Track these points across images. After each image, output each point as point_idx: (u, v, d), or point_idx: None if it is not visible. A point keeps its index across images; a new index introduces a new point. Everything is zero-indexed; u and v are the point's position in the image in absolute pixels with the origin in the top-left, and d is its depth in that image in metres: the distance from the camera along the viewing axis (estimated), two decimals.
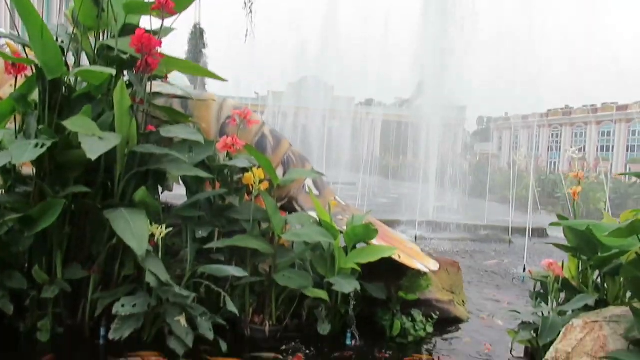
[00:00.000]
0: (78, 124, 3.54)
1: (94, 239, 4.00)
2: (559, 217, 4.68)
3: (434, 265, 4.96)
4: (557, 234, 8.34)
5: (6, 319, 3.91)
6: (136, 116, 4.01)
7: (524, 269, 7.81)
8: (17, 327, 3.93)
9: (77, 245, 4.03)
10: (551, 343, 3.51)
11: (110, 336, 3.58)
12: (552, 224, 4.41)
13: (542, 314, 3.93)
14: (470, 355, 4.37)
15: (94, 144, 3.41)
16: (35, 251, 3.91)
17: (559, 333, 3.49)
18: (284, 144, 5.15)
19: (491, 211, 15.67)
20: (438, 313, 4.91)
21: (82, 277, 3.92)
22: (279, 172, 4.83)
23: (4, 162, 3.32)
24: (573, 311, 3.77)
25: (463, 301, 5.75)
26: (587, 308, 3.76)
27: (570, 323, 3.41)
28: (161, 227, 3.86)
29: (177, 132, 4.08)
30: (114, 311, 3.59)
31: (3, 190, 4.03)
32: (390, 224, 9.40)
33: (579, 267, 4.32)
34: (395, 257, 4.46)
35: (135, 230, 3.54)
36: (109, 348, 3.77)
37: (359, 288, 4.22)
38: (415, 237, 11.05)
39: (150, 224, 3.79)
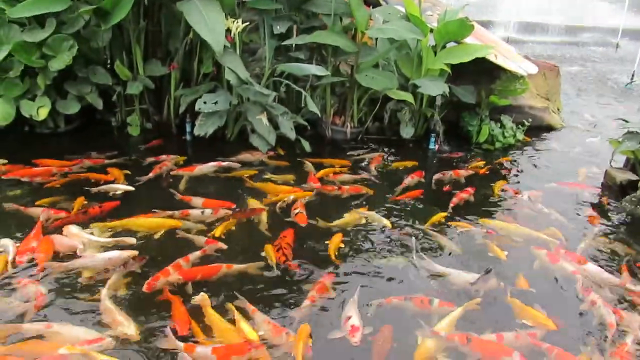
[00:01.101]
0: None
1: (170, 34, 3.85)
2: None
3: (532, 68, 4.46)
4: None
5: (98, 114, 4.07)
6: None
7: (632, 77, 7.00)
8: (109, 121, 4.10)
9: (155, 41, 3.91)
10: None
11: (195, 132, 3.64)
12: None
13: None
14: (559, 166, 4.13)
15: None
16: (114, 46, 3.85)
17: None
18: None
19: (596, 11, 13.81)
20: (530, 120, 4.59)
21: (163, 74, 3.87)
22: None
23: None
24: None
25: (558, 109, 5.32)
26: None
27: None
28: (237, 22, 3.61)
29: None
30: (196, 108, 3.58)
31: None
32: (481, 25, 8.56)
33: None
34: (491, 58, 4.02)
35: (210, 23, 3.31)
36: (195, 143, 3.88)
37: (447, 91, 3.92)
38: (507, 39, 10.09)
39: (226, 17, 3.54)
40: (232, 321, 2.07)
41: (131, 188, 3.12)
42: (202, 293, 2.19)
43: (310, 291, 2.27)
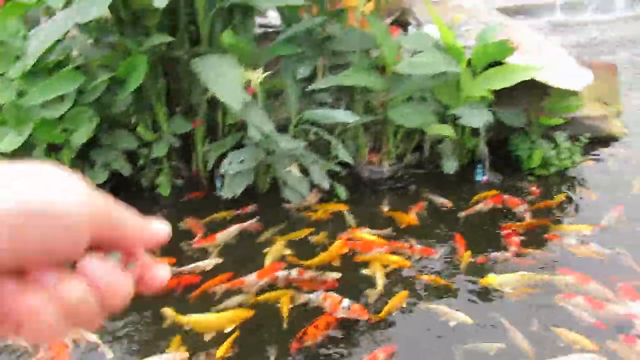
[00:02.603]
0: None
1: (191, 90, 3.70)
2: None
3: (586, 79, 4.02)
4: None
5: (129, 176, 3.99)
6: None
7: None
8: (139, 182, 4.01)
9: (176, 97, 3.78)
10: None
11: (224, 194, 3.48)
12: None
13: None
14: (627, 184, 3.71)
15: None
16: (137, 108, 3.74)
17: None
18: None
19: None
20: (587, 134, 4.16)
21: (189, 130, 3.74)
22: None
23: (71, 23, 2.95)
24: None
25: (618, 112, 4.82)
26: None
27: None
28: (258, 71, 3.41)
29: None
30: (221, 170, 3.42)
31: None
32: (523, 9, 7.99)
33: None
34: (539, 78, 3.64)
35: (225, 82, 3.13)
36: (227, 200, 3.72)
37: (491, 119, 3.57)
38: (553, 25, 9.38)
39: (246, 67, 3.36)
40: None
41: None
42: None
43: None
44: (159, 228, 0.43)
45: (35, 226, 0.33)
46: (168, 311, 2.56)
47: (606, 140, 4.43)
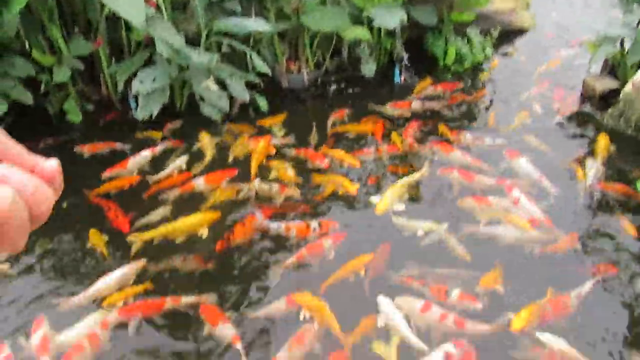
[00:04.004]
0: None
1: (85, 8, 3.39)
2: None
3: None
4: None
5: (34, 105, 3.70)
6: None
7: None
8: (46, 108, 3.74)
9: (72, 16, 3.46)
10: None
11: (138, 116, 3.33)
12: None
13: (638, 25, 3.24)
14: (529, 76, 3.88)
15: None
16: (27, 32, 3.40)
17: None
18: None
19: None
20: (498, 28, 4.26)
21: (91, 51, 3.47)
22: None
23: None
24: None
25: (527, 4, 4.93)
26: None
27: None
28: None
29: None
30: (133, 90, 3.24)
31: None
32: None
33: None
34: None
35: None
36: (144, 121, 3.57)
37: (405, 19, 3.56)
38: None
39: None
40: None
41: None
42: None
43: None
44: (49, 163, 0.40)
45: None
46: (134, 236, 2.51)
47: (515, 33, 4.57)
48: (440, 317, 1.99)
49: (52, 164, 0.40)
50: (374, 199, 2.68)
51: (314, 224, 2.51)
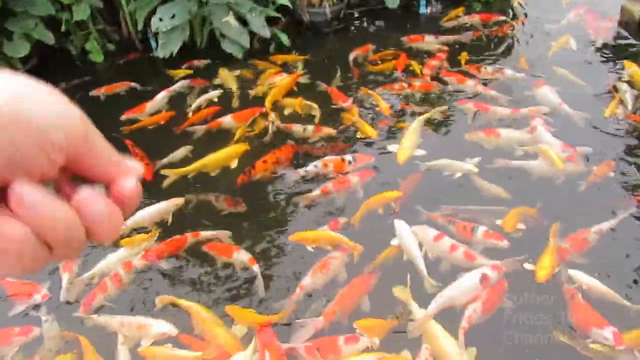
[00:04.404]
0: None
1: None
2: None
3: None
4: None
5: (56, 46, 3.69)
6: None
7: None
8: (69, 51, 3.74)
9: None
10: None
11: (159, 54, 3.30)
12: None
13: None
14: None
15: None
16: None
17: None
18: None
19: None
20: None
21: None
22: None
23: None
24: None
25: None
26: None
27: None
28: None
29: None
30: (152, 28, 3.21)
31: None
32: None
33: None
34: None
35: None
36: (166, 59, 3.54)
37: None
38: None
39: None
40: None
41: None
42: None
43: None
44: (135, 167, 0.38)
45: (4, 132, 0.30)
46: (168, 171, 2.54)
47: None
48: (451, 247, 2.00)
49: (131, 188, 0.37)
50: (393, 148, 2.60)
51: (349, 157, 2.51)
